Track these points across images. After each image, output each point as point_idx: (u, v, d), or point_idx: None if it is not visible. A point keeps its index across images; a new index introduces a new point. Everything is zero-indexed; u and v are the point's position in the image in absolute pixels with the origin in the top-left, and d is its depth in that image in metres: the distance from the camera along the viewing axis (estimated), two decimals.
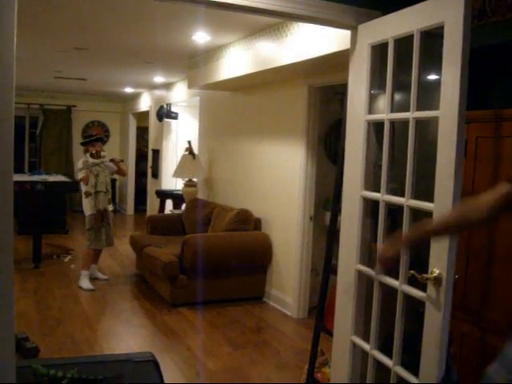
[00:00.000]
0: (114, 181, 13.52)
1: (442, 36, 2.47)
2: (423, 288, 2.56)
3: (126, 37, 5.93)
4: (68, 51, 6.81)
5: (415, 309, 2.72)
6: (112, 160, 6.97)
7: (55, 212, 10.05)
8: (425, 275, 2.48)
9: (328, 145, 6.11)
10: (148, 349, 4.61)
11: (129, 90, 11.73)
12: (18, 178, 9.61)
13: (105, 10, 4.75)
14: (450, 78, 2.41)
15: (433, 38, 2.58)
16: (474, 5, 3.05)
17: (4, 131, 2.26)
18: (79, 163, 6.89)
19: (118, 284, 7.00)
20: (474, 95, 2.60)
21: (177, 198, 9.23)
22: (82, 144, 7.25)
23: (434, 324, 2.48)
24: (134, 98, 12.84)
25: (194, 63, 7.13)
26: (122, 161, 7.23)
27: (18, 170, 12.13)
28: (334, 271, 3.47)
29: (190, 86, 7.57)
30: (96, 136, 7.38)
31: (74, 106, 13.31)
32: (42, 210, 8.02)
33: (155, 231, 7.63)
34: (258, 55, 5.36)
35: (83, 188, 6.78)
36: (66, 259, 8.19)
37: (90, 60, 7.56)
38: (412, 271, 2.56)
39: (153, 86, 10.96)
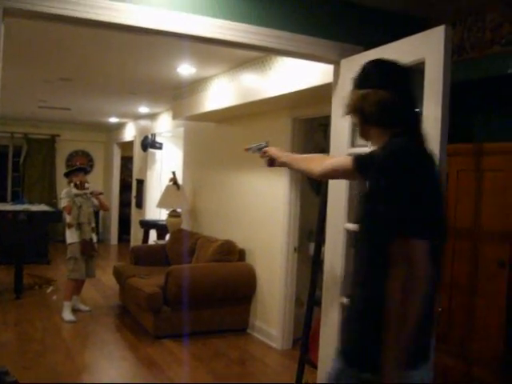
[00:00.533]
0: (97, 211, 13.47)
1: (423, 71, 2.52)
2: None
3: (111, 68, 5.97)
4: (53, 81, 6.84)
5: None
6: (91, 193, 6.94)
7: (37, 242, 9.97)
8: None
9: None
10: (130, 382, 4.57)
11: (113, 119, 11.76)
12: (0, 207, 9.56)
13: (90, 42, 4.79)
14: (431, 113, 2.46)
15: (415, 73, 2.62)
16: (454, 40, 3.12)
17: None
18: (62, 192, 6.92)
19: (101, 315, 6.92)
20: (454, 128, 2.64)
21: (161, 229, 9.21)
22: (65, 175, 7.23)
23: None
24: (119, 127, 12.87)
25: (178, 94, 7.18)
26: (101, 193, 7.19)
27: (1, 199, 12.05)
28: (319, 303, 3.47)
29: (174, 117, 7.61)
30: (78, 166, 7.38)
31: (58, 136, 13.28)
32: (25, 240, 7.95)
33: (139, 262, 7.57)
34: (242, 87, 5.41)
35: (67, 218, 6.78)
36: (48, 290, 8.09)
37: (74, 90, 7.59)
38: None
39: (137, 116, 11.00)
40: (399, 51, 2.69)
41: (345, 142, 3.06)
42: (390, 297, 1.80)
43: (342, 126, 3.11)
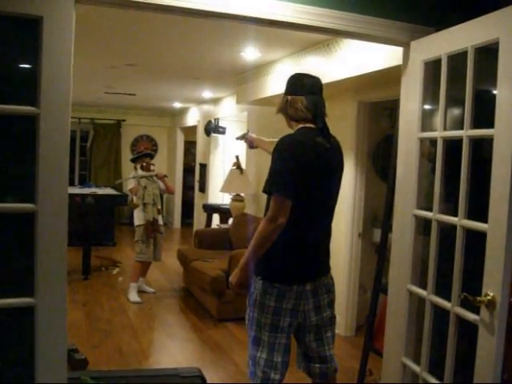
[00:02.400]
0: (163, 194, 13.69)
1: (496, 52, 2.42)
2: (477, 309, 2.49)
3: (176, 53, 6.01)
4: (119, 67, 6.94)
5: (469, 330, 2.65)
6: (156, 175, 7.05)
7: (104, 224, 10.23)
8: (478, 298, 2.41)
9: (376, 161, 6.05)
10: (194, 363, 4.64)
11: (177, 104, 11.88)
12: (69, 190, 9.82)
13: (155, 27, 4.82)
14: (505, 95, 2.36)
15: (489, 53, 2.53)
16: None
17: (61, 145, 2.32)
18: (130, 175, 7.10)
19: (165, 297, 7.05)
20: None
21: (224, 213, 9.24)
22: (132, 160, 7.38)
23: (487, 348, 2.41)
24: (182, 112, 12.99)
25: (242, 79, 7.17)
26: (165, 176, 7.28)
27: (69, 182, 12.35)
28: (384, 290, 3.42)
29: (238, 102, 7.61)
30: (143, 152, 7.53)
31: (124, 121, 13.55)
32: (92, 223, 8.16)
33: (202, 245, 7.65)
34: (307, 71, 5.30)
35: (134, 200, 6.93)
36: (114, 271, 8.29)
37: (140, 76, 7.69)
38: (464, 293, 2.49)
39: (201, 101, 11.07)
40: (472, 32, 2.59)
41: (415, 126, 2.97)
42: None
43: (411, 109, 3.02)
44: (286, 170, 2.71)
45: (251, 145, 3.88)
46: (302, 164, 2.72)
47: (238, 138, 4.13)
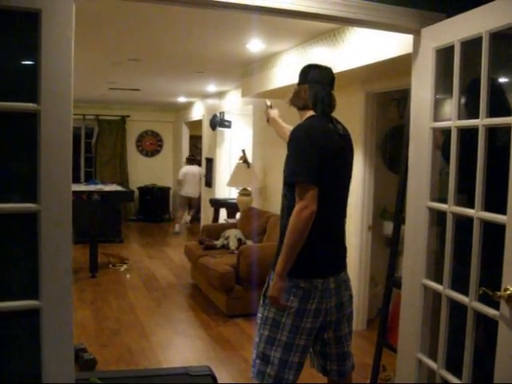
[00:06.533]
0: (168, 189, 13.65)
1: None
2: (496, 304, 2.40)
3: (180, 47, 5.94)
4: (122, 62, 6.87)
5: (487, 324, 2.57)
6: None
7: (111, 221, 10.19)
8: (498, 293, 2.32)
9: (385, 152, 5.97)
10: (204, 361, 4.59)
11: (182, 99, 11.80)
12: (74, 187, 9.75)
13: (158, 21, 4.75)
14: None
15: (505, 39, 2.43)
16: None
17: (63, 142, 2.25)
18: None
19: (174, 294, 7.00)
20: None
21: (231, 207, 9.18)
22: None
23: (508, 345, 2.32)
24: (187, 107, 12.92)
25: (247, 71, 7.09)
26: None
27: (75, 179, 12.35)
28: (397, 284, 3.34)
29: (243, 95, 7.52)
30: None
31: (128, 116, 13.51)
32: (98, 220, 8.11)
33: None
34: (314, 62, 5.25)
35: None
36: (122, 268, 8.24)
37: (143, 71, 7.62)
38: (483, 288, 2.41)
39: (206, 95, 11.00)
40: (487, 16, 2.50)
41: (427, 116, 2.88)
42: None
43: (423, 98, 2.93)
44: (306, 157, 2.68)
45: (268, 119, 3.97)
46: (320, 149, 2.70)
47: (265, 105, 4.09)
